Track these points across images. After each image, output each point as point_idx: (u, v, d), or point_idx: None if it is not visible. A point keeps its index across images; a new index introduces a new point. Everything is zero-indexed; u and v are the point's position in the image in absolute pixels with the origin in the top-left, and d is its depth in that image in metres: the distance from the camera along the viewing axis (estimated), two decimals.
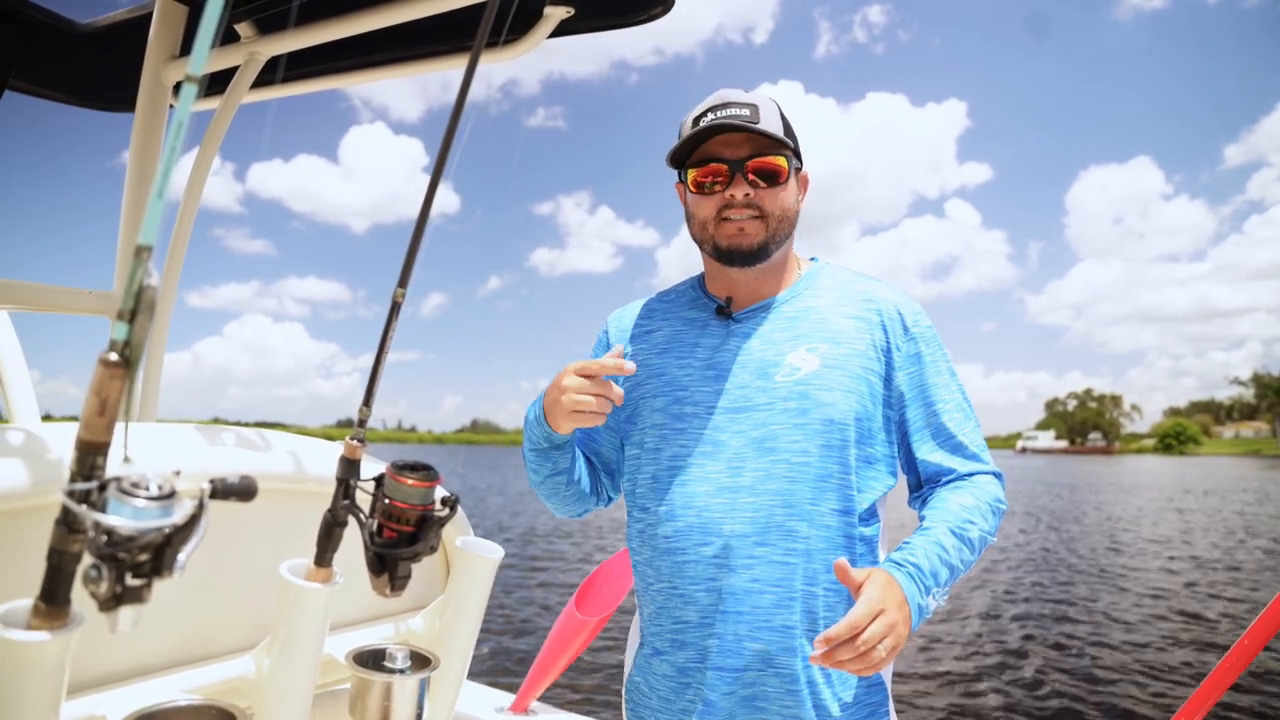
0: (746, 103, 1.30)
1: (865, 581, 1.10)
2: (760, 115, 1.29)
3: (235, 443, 1.11)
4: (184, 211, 2.10)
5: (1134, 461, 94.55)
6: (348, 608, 1.24)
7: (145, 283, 0.52)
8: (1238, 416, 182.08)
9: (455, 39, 1.90)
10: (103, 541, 0.54)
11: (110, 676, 0.95)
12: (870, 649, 1.04)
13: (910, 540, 1.24)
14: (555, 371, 1.26)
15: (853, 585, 1.10)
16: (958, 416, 1.33)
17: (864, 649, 1.03)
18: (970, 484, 1.31)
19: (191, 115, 0.53)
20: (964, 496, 1.28)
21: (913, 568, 1.17)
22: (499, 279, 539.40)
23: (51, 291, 1.98)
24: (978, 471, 1.33)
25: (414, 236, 0.81)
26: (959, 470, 1.32)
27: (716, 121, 1.27)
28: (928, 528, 1.24)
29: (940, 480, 1.33)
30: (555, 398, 1.24)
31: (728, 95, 1.32)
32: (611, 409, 1.23)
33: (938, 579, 1.18)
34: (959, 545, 1.22)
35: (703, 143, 1.31)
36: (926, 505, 1.31)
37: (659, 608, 1.33)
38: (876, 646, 1.04)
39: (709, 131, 1.28)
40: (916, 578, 1.16)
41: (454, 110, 0.79)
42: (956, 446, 1.33)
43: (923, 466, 1.34)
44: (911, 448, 1.33)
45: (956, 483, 1.32)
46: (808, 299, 1.37)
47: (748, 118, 1.27)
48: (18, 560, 0.85)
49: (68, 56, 2.15)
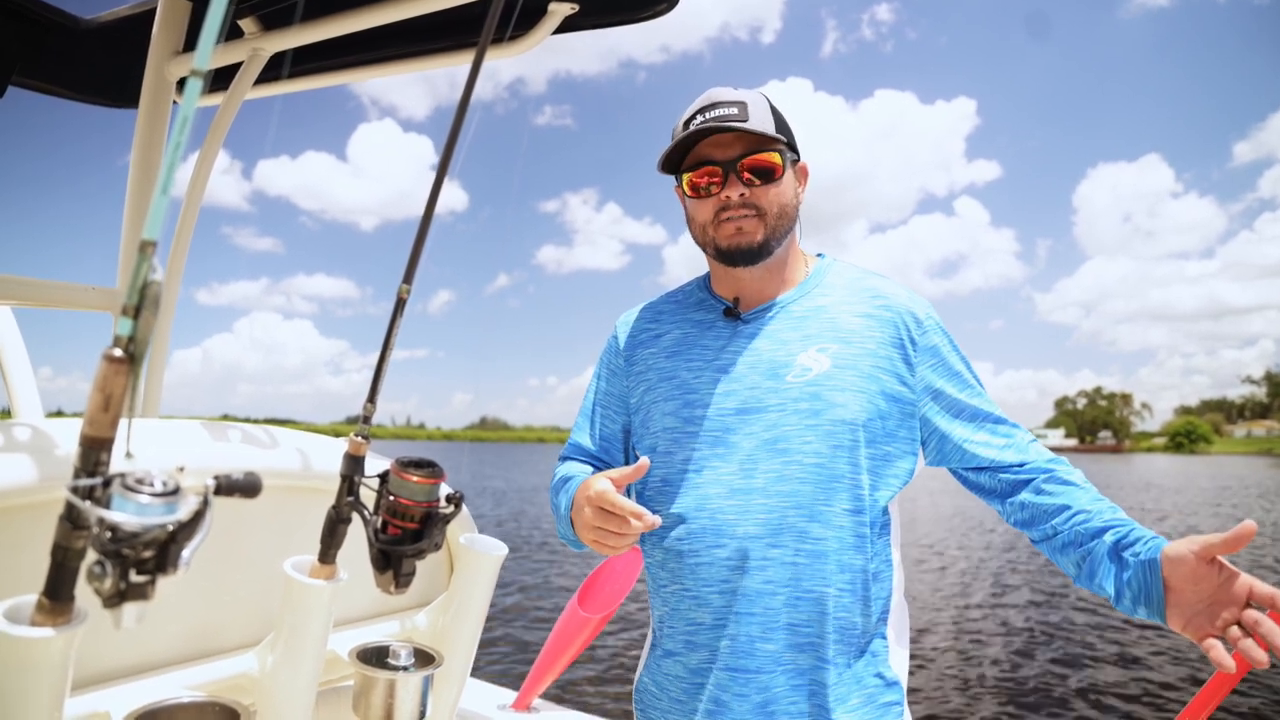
0: (734, 100, 1.28)
1: (1230, 568, 1.03)
2: (749, 112, 1.27)
3: (240, 439, 1.11)
4: (187, 207, 2.11)
5: (1144, 460, 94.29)
6: (351, 604, 1.24)
7: (149, 278, 0.52)
8: (1250, 415, 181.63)
9: (460, 35, 1.90)
10: (107, 538, 0.54)
11: (114, 673, 0.95)
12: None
13: (1127, 520, 1.16)
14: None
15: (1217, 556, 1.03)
16: (985, 397, 1.34)
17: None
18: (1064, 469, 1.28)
19: (195, 111, 0.52)
20: (1074, 476, 1.26)
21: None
22: (507, 276, 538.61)
23: (55, 287, 1.98)
24: (1031, 439, 1.32)
25: (419, 233, 0.81)
26: (1014, 439, 1.31)
27: (704, 124, 1.26)
28: (1115, 508, 1.19)
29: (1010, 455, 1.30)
30: (582, 524, 1.25)
31: (716, 95, 1.30)
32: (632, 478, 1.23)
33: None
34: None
35: (694, 146, 1.30)
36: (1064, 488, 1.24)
37: (671, 609, 1.32)
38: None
39: (698, 135, 1.27)
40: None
41: (459, 107, 0.79)
42: (996, 421, 1.32)
43: (973, 448, 1.30)
44: (953, 436, 1.30)
45: (1053, 462, 1.29)
46: (816, 297, 1.36)
47: (735, 116, 1.26)
48: (22, 556, 0.85)
49: (72, 52, 2.15)
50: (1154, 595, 1.08)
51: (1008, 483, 1.30)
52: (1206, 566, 1.03)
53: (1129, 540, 1.13)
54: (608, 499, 1.19)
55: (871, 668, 1.26)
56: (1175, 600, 1.07)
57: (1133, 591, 1.10)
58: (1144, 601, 1.09)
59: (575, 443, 1.51)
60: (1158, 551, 1.08)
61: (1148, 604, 1.09)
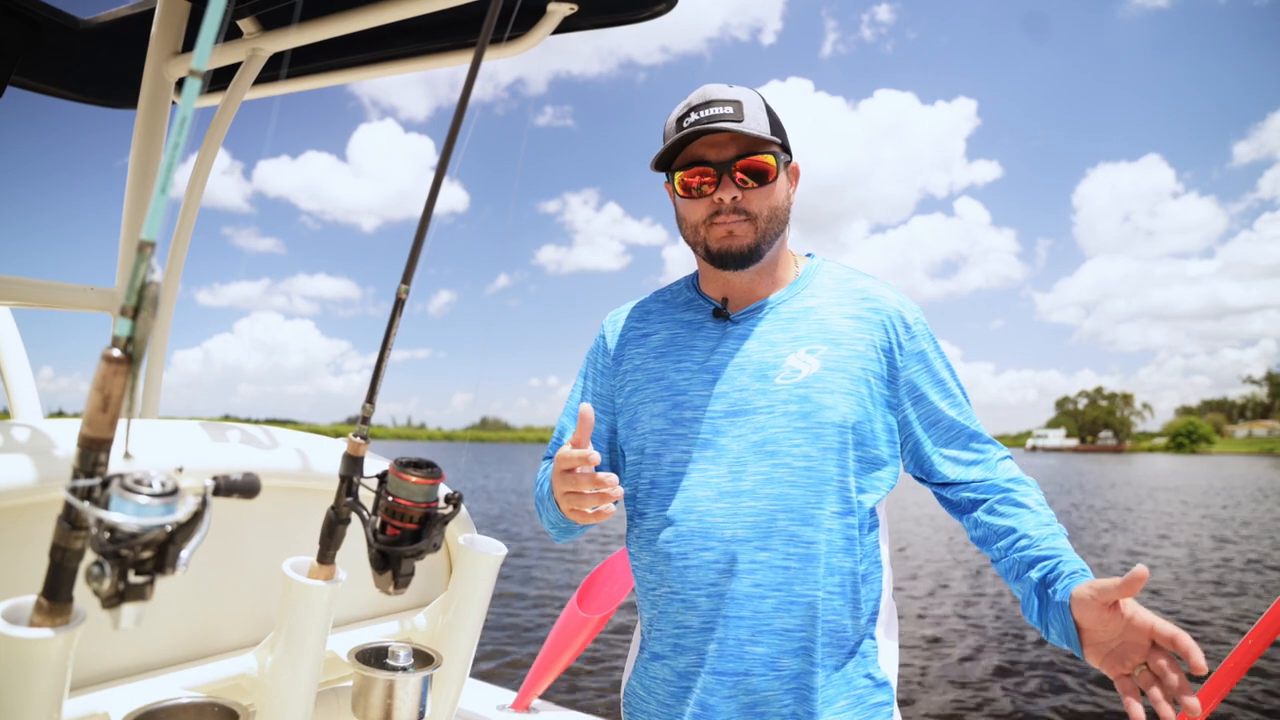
0: (729, 99, 1.26)
1: (1133, 609, 1.05)
2: (744, 112, 1.25)
3: (238, 439, 1.11)
4: (186, 208, 2.11)
5: (1145, 460, 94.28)
6: (350, 605, 1.24)
7: (148, 278, 0.52)
8: (1251, 415, 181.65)
9: (459, 35, 1.90)
10: (105, 538, 0.54)
11: (112, 673, 0.95)
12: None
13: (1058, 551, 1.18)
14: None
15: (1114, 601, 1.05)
16: (966, 408, 1.35)
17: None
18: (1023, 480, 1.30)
19: (194, 111, 0.52)
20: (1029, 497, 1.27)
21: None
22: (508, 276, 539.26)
23: (54, 288, 1.98)
24: (1001, 457, 1.33)
25: (418, 233, 0.81)
26: (983, 456, 1.32)
27: (700, 123, 1.24)
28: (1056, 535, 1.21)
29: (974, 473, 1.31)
30: (559, 490, 1.21)
31: (710, 92, 1.28)
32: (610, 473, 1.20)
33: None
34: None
35: (687, 144, 1.28)
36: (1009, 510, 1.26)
37: (659, 612, 1.32)
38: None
39: (693, 134, 1.25)
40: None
41: (458, 107, 0.79)
42: (972, 435, 1.33)
43: (946, 459, 1.32)
44: (925, 446, 1.32)
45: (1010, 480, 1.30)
46: (805, 299, 1.35)
47: (730, 116, 1.24)
48: (20, 557, 0.85)
49: (70, 52, 2.15)
50: (1070, 635, 1.11)
51: (967, 500, 1.32)
52: (1110, 610, 1.06)
53: (1051, 578, 1.16)
54: (562, 454, 1.17)
55: (861, 669, 1.26)
56: (1088, 640, 1.10)
57: (1055, 629, 1.14)
58: (1064, 640, 1.13)
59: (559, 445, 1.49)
60: (1068, 594, 1.11)
61: (1067, 642, 1.13)
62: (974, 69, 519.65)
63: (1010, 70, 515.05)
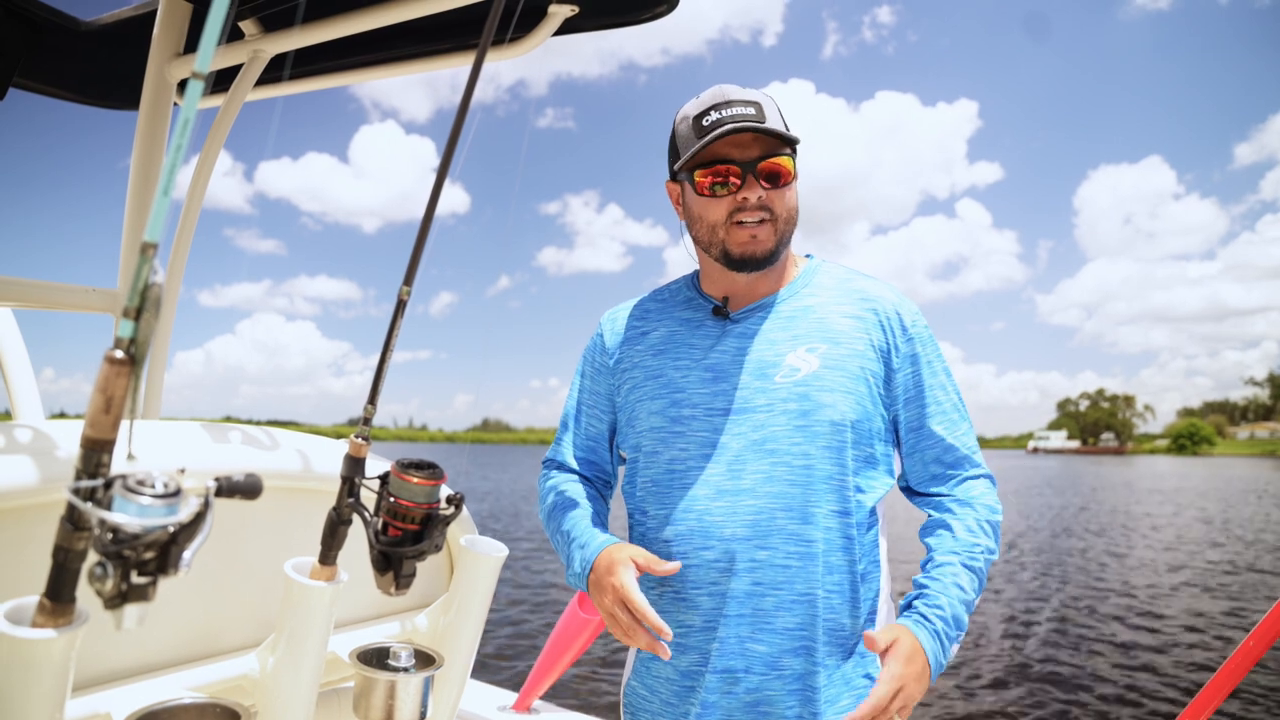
0: (750, 100, 1.26)
1: (890, 650, 1.15)
2: (765, 114, 1.26)
3: (240, 441, 1.11)
4: (188, 209, 2.11)
5: (1147, 462, 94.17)
6: (352, 606, 1.24)
7: (150, 280, 0.52)
8: (1253, 417, 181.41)
9: (460, 37, 1.90)
10: (108, 539, 0.54)
11: (115, 674, 0.95)
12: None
13: (927, 583, 1.24)
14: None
15: (877, 650, 1.15)
16: (954, 417, 1.34)
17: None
18: (970, 503, 1.31)
19: (196, 113, 0.53)
20: (967, 518, 1.29)
21: (939, 622, 1.20)
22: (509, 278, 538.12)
23: (56, 289, 1.98)
24: (970, 476, 1.34)
25: (419, 235, 0.81)
26: (952, 475, 1.33)
27: (726, 122, 1.24)
28: (942, 564, 1.25)
29: (934, 488, 1.34)
30: (600, 599, 1.24)
31: (728, 92, 1.28)
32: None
33: (960, 624, 1.22)
34: (973, 578, 1.25)
35: (712, 143, 1.27)
36: (932, 534, 1.31)
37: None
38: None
39: (724, 132, 1.23)
40: (942, 634, 1.19)
41: (460, 108, 0.79)
42: (948, 449, 1.33)
43: (917, 468, 1.34)
44: (906, 449, 1.34)
45: (955, 502, 1.32)
46: (805, 298, 1.35)
47: (754, 116, 1.24)
48: (23, 557, 0.85)
49: (72, 54, 2.15)
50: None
51: (922, 505, 1.37)
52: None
53: (911, 600, 1.25)
54: (633, 603, 1.18)
55: (860, 668, 1.26)
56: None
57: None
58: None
59: (559, 456, 1.49)
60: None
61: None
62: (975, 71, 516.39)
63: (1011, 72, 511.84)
